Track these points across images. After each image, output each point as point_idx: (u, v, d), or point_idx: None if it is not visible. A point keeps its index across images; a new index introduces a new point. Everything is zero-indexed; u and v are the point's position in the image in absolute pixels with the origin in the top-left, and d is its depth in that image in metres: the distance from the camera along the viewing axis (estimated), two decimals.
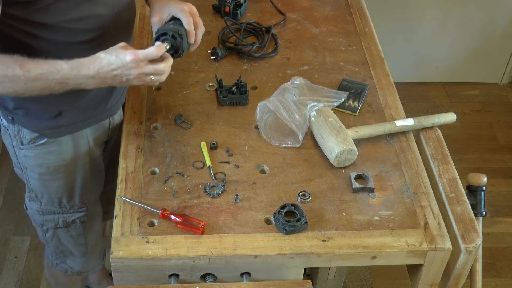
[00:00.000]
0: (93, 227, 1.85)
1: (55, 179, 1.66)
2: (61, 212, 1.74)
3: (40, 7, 1.36)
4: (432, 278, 1.50)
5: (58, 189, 1.69)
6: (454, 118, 1.72)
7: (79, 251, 1.87)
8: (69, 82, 1.36)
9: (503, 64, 3.37)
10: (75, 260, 1.89)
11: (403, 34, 3.20)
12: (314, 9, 2.11)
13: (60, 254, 1.88)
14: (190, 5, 1.52)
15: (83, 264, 1.91)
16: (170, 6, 1.52)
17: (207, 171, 1.55)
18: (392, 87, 1.83)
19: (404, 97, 2.08)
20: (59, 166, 1.64)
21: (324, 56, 1.92)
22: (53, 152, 1.61)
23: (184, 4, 1.51)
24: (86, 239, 1.84)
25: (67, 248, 1.85)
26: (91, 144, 1.66)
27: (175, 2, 1.53)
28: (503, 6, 3.14)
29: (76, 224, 1.78)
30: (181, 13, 1.49)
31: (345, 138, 1.56)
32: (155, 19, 1.53)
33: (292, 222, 1.41)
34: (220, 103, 1.73)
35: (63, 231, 1.78)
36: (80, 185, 1.71)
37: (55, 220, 1.75)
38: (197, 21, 1.51)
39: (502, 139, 3.12)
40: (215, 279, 1.42)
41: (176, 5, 1.51)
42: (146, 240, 1.39)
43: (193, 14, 1.50)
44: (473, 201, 1.63)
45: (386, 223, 1.46)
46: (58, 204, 1.72)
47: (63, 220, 1.75)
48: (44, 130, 1.57)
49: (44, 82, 1.34)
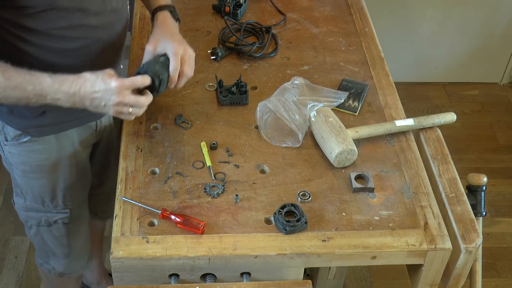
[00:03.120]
0: (78, 230, 1.83)
1: (38, 178, 1.66)
2: (44, 211, 1.73)
3: (31, 13, 1.35)
4: (432, 278, 1.50)
5: (41, 188, 1.68)
6: (454, 118, 1.72)
7: (62, 252, 1.85)
8: (47, 96, 1.36)
9: (503, 64, 3.37)
10: (58, 261, 1.88)
11: (403, 34, 3.20)
12: (314, 9, 2.11)
13: (43, 253, 1.87)
14: (187, 49, 1.50)
15: (65, 266, 1.89)
16: (168, 42, 1.49)
17: (207, 171, 1.55)
18: (392, 87, 1.83)
19: (404, 97, 2.08)
20: (42, 166, 1.63)
21: (324, 56, 1.92)
22: (36, 151, 1.60)
23: (181, 46, 1.49)
24: (69, 241, 1.82)
25: (50, 248, 1.83)
26: (77, 145, 1.65)
27: (175, 39, 1.51)
28: (503, 6, 3.14)
29: (59, 224, 1.76)
30: (173, 56, 1.47)
31: (345, 138, 1.56)
32: (150, 48, 1.51)
33: (292, 222, 1.41)
34: (220, 103, 1.73)
35: (46, 230, 1.77)
36: (63, 186, 1.69)
37: (38, 218, 1.74)
38: (184, 69, 1.48)
39: (502, 139, 3.12)
40: (215, 279, 1.42)
41: (173, 44, 1.48)
42: (146, 240, 1.39)
43: (184, 62, 1.48)
44: (473, 201, 1.63)
45: (386, 223, 1.46)
46: (41, 203, 1.71)
47: (45, 219, 1.74)
48: (28, 128, 1.56)
49: (23, 92, 1.34)
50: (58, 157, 1.63)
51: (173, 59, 1.46)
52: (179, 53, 1.47)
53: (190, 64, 1.50)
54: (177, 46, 1.48)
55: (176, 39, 1.51)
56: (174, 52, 1.47)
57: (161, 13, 1.58)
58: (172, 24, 1.57)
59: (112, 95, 1.35)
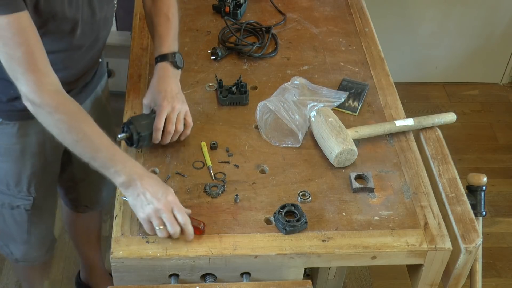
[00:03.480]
0: (40, 219, 1.83)
1: (5, 161, 1.66)
2: (8, 194, 1.73)
3: None
4: (432, 278, 1.50)
5: (7, 171, 1.68)
6: (454, 118, 1.72)
7: (21, 238, 1.85)
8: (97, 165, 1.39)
9: (503, 64, 3.37)
10: (16, 246, 1.88)
11: (403, 34, 3.20)
12: (314, 9, 2.11)
13: (4, 236, 1.87)
14: (175, 107, 1.53)
15: (23, 252, 1.90)
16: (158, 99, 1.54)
17: (207, 171, 1.55)
18: (392, 87, 1.83)
19: (404, 97, 2.08)
20: (10, 150, 1.64)
21: (324, 56, 1.92)
22: (6, 134, 1.61)
23: (169, 105, 1.53)
24: (30, 228, 1.82)
25: (10, 231, 1.84)
26: (48, 134, 1.64)
27: (166, 95, 1.54)
28: (503, 6, 3.14)
29: (21, 210, 1.76)
30: (158, 115, 1.52)
31: (345, 138, 1.56)
32: (145, 102, 1.57)
33: (292, 222, 1.41)
34: (220, 103, 1.73)
35: (8, 213, 1.77)
36: (29, 173, 1.70)
37: (2, 200, 1.74)
38: (168, 128, 1.52)
39: (502, 139, 3.12)
40: (215, 279, 1.42)
41: (161, 103, 1.53)
42: (146, 240, 1.39)
43: (169, 120, 1.52)
44: (473, 201, 1.63)
45: (386, 223, 1.46)
46: (6, 186, 1.71)
47: (9, 202, 1.74)
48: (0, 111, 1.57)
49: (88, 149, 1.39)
50: (27, 144, 1.64)
51: (157, 118, 1.52)
52: (165, 112, 1.52)
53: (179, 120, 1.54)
54: (165, 105, 1.52)
55: (167, 96, 1.54)
56: (160, 111, 1.52)
57: (162, 64, 1.61)
58: (170, 77, 1.59)
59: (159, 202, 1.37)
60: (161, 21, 1.64)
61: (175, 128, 1.54)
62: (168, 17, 1.64)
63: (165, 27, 1.63)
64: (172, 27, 1.64)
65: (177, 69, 1.62)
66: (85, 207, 2.05)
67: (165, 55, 1.60)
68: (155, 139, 1.54)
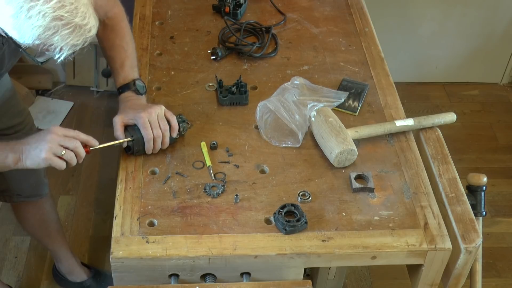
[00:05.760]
0: None
1: None
2: None
3: None
4: (432, 278, 1.50)
5: None
6: (454, 118, 1.72)
7: None
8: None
9: (503, 64, 3.37)
10: None
11: (403, 34, 3.20)
12: (314, 9, 2.11)
13: None
14: (152, 113, 1.53)
15: None
16: (133, 115, 1.54)
17: (207, 171, 1.55)
18: (392, 87, 1.83)
19: (404, 97, 2.08)
20: None
21: (324, 56, 1.92)
22: None
23: (146, 115, 1.52)
24: None
25: None
26: None
27: (139, 108, 1.55)
28: (503, 6, 3.13)
29: None
30: (143, 124, 1.52)
31: (345, 138, 1.56)
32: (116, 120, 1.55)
33: (292, 222, 1.41)
34: (220, 103, 1.73)
35: None
36: None
37: None
38: (154, 133, 1.52)
39: (502, 139, 3.11)
40: (215, 279, 1.42)
41: (139, 119, 1.52)
42: (146, 240, 1.39)
43: (152, 126, 1.52)
44: (473, 201, 1.63)
45: (386, 223, 1.46)
46: None
47: None
48: None
49: None
50: None
51: (143, 130, 1.52)
52: (146, 120, 1.52)
53: (161, 119, 1.54)
54: (143, 115, 1.52)
55: (140, 109, 1.55)
56: (142, 123, 1.52)
57: (125, 94, 1.62)
58: (135, 102, 1.60)
59: (48, 134, 1.39)
60: (116, 54, 1.64)
61: (161, 130, 1.53)
62: (122, 47, 1.64)
63: (120, 59, 1.64)
64: (128, 56, 1.65)
65: (140, 95, 1.62)
66: (18, 196, 2.00)
67: (126, 84, 1.61)
68: (149, 150, 1.55)
